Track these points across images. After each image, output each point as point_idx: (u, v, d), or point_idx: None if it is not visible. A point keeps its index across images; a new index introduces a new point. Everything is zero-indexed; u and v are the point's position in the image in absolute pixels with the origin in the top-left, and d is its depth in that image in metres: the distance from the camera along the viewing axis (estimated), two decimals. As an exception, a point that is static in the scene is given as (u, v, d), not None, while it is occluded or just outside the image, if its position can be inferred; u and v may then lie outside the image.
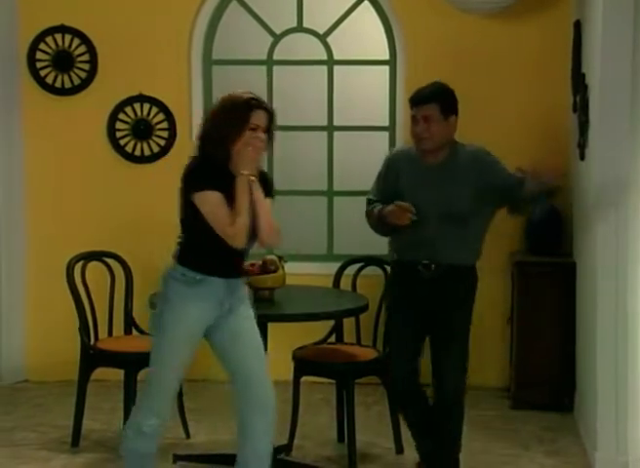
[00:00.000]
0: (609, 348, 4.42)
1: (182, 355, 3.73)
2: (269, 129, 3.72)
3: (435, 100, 4.06)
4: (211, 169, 3.65)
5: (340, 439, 4.88)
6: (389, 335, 4.37)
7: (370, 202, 4.29)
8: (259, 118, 3.65)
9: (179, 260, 3.72)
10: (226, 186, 3.60)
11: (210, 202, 3.59)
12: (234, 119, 3.60)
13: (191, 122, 6.09)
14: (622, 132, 4.34)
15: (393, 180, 4.17)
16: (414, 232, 4.07)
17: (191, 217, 3.68)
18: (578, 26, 5.44)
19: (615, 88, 4.37)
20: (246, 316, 3.79)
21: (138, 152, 6.10)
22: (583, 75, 5.15)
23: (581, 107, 5.07)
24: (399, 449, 4.74)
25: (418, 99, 4.12)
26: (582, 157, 5.12)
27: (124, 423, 4.87)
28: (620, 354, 4.38)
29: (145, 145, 6.10)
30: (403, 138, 6.06)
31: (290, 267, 4.65)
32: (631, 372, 4.37)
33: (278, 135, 6.70)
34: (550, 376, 5.46)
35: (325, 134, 6.20)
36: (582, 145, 5.07)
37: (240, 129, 3.60)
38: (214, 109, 3.71)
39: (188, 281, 3.67)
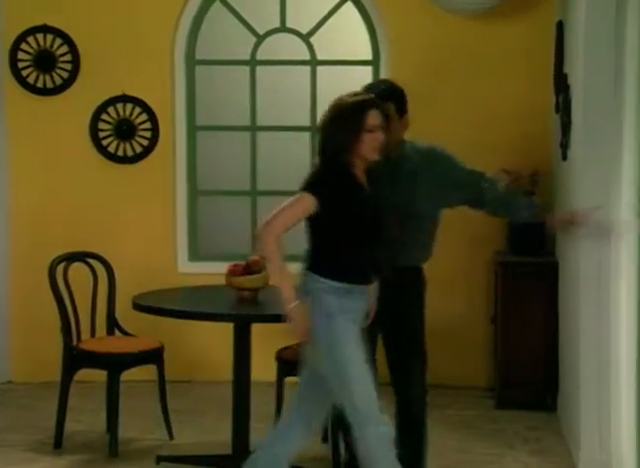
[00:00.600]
0: (592, 347, 4.43)
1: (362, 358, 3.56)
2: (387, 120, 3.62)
3: (390, 100, 3.93)
4: (329, 176, 3.54)
5: (325, 439, 4.87)
6: None
7: None
8: (373, 118, 3.54)
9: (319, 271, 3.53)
10: (350, 191, 3.52)
11: (298, 200, 3.49)
12: (348, 125, 3.50)
13: (174, 122, 6.08)
14: (605, 132, 4.35)
15: None
16: None
17: (325, 223, 3.53)
18: (560, 27, 5.46)
19: (597, 88, 4.38)
20: None
21: (120, 152, 6.07)
22: (566, 75, 5.17)
23: (564, 108, 5.08)
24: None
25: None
26: (565, 157, 5.14)
27: (107, 425, 4.87)
28: (602, 353, 4.39)
29: (128, 146, 6.08)
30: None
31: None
32: (614, 372, 4.38)
33: (261, 135, 6.72)
34: (534, 376, 5.48)
35: (308, 134, 6.19)
36: (565, 146, 5.09)
37: (357, 133, 3.50)
38: (326, 118, 3.58)
39: (338, 292, 3.51)
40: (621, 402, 4.37)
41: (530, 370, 5.47)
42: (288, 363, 4.68)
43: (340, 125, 3.53)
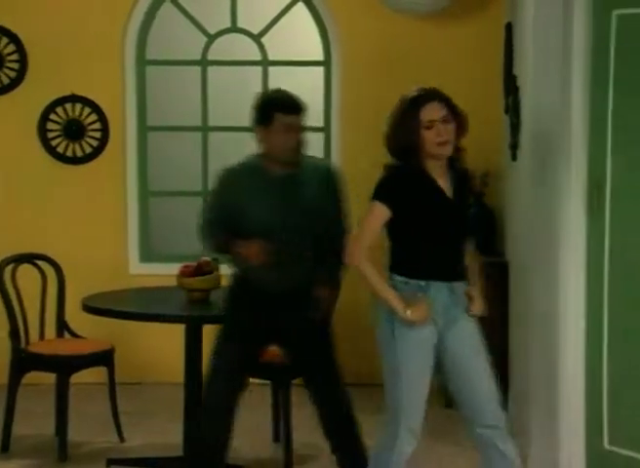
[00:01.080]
0: (541, 346, 4.47)
1: None
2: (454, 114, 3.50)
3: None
4: (399, 179, 3.46)
5: (276, 439, 4.87)
6: None
7: None
8: (431, 112, 3.44)
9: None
10: (422, 191, 3.46)
11: (370, 212, 3.44)
12: (405, 123, 3.41)
13: (125, 122, 6.03)
14: (553, 133, 4.40)
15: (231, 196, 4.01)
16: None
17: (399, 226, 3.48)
18: (509, 29, 5.51)
19: (545, 89, 4.43)
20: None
21: (70, 153, 6.02)
22: (515, 77, 5.22)
23: (513, 109, 5.13)
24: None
25: (296, 109, 3.98)
26: (514, 158, 5.19)
27: (56, 428, 4.82)
28: (551, 352, 4.44)
29: (78, 146, 6.02)
30: (339, 139, 6.08)
31: (225, 269, 4.63)
32: (562, 370, 4.43)
33: (213, 135, 6.70)
34: (484, 375, 5.51)
35: (260, 134, 6.17)
36: (514, 146, 5.14)
37: (415, 131, 3.40)
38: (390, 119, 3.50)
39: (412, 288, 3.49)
40: (570, 400, 4.42)
41: (480, 370, 5.50)
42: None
43: (398, 123, 3.43)
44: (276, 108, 3.90)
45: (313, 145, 6.09)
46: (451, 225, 3.52)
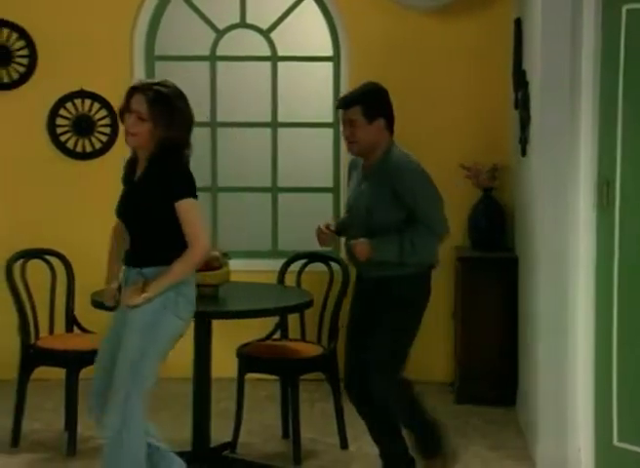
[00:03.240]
0: (550, 343, 4.47)
1: None
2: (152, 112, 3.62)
3: (358, 103, 3.97)
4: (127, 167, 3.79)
5: (285, 435, 4.87)
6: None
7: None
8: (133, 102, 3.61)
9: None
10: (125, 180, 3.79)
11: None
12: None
13: (134, 118, 6.02)
14: (563, 128, 4.39)
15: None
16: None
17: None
18: (518, 24, 5.50)
19: (555, 84, 4.42)
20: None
21: (79, 148, 6.02)
22: (524, 72, 5.21)
23: (523, 104, 5.12)
24: (344, 445, 4.75)
25: (340, 103, 4.04)
26: (524, 153, 5.18)
27: (65, 423, 4.83)
28: (560, 348, 4.43)
29: (87, 142, 6.03)
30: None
31: (234, 264, 4.63)
32: (571, 367, 4.42)
33: (223, 131, 6.70)
34: (494, 371, 5.51)
35: (269, 130, 6.18)
36: (524, 141, 5.13)
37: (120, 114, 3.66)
38: None
39: None
40: (579, 396, 4.42)
41: (489, 366, 5.50)
42: (249, 359, 4.68)
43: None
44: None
45: (323, 140, 6.16)
46: (120, 211, 3.76)
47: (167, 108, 3.59)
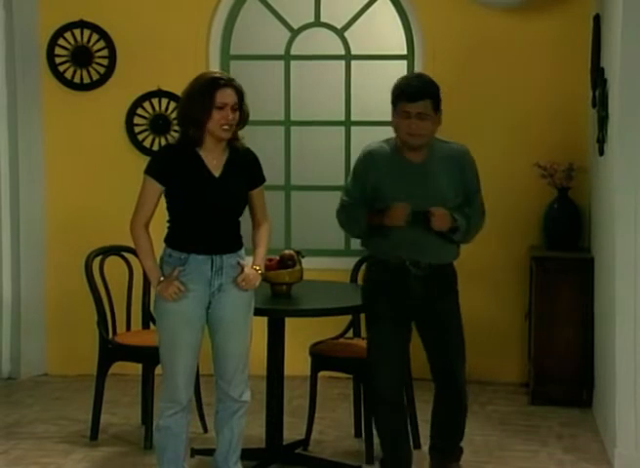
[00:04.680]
0: (627, 343, 4.40)
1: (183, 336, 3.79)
2: (240, 107, 3.79)
3: (429, 97, 3.94)
4: (169, 156, 3.85)
5: (358, 434, 4.88)
6: (374, 343, 4.07)
7: (344, 204, 4.18)
8: (224, 96, 3.71)
9: (165, 241, 3.88)
10: (186, 168, 3.78)
11: (143, 187, 3.88)
12: (200, 99, 3.70)
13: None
14: (642, 126, 4.32)
15: (372, 178, 4.06)
16: (397, 232, 3.98)
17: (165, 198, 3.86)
18: (597, 20, 5.41)
19: (634, 82, 4.34)
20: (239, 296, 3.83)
21: (156, 147, 6.11)
22: (603, 69, 5.13)
23: (601, 102, 5.04)
24: (416, 444, 4.73)
25: (413, 95, 3.94)
26: (602, 152, 5.10)
27: (142, 417, 4.91)
28: (638, 349, 4.36)
29: (164, 140, 6.11)
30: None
31: (307, 262, 4.65)
32: (650, 368, 4.35)
33: (295, 129, 6.72)
34: (569, 372, 5.44)
35: (342, 128, 6.19)
36: (602, 140, 5.05)
37: (207, 109, 3.70)
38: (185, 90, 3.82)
39: (175, 261, 3.78)
40: (657, 399, 4.34)
41: (564, 366, 5.44)
42: (321, 357, 4.69)
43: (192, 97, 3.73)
44: (399, 96, 3.98)
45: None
46: (213, 200, 3.76)
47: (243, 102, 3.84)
